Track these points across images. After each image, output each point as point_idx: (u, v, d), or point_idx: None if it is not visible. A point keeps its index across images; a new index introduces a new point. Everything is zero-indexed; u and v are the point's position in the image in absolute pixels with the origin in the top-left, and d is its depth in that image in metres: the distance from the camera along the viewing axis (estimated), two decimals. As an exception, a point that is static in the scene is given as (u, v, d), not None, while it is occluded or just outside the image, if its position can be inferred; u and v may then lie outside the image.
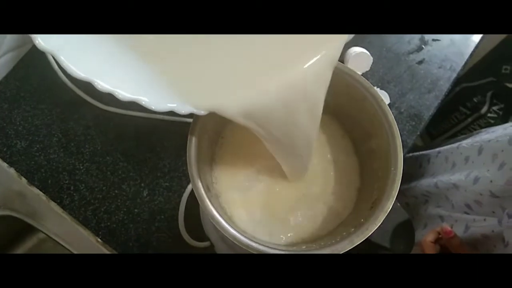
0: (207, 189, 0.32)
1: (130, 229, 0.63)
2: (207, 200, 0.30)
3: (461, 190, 0.58)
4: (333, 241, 0.30)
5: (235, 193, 0.36)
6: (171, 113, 0.69)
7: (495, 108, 1.20)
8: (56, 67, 0.66)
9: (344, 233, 0.31)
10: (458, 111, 1.26)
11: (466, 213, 0.58)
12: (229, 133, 0.41)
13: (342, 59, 0.72)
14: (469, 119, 1.25)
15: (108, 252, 0.62)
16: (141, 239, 0.63)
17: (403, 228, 0.35)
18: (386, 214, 0.29)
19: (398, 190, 0.30)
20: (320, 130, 0.40)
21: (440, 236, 0.53)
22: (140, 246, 0.62)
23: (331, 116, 0.42)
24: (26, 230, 0.68)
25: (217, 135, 0.40)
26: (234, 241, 0.29)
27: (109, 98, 0.67)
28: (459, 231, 0.56)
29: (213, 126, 0.38)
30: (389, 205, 0.30)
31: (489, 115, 1.20)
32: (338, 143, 0.41)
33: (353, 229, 0.31)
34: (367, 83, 0.36)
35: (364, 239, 0.29)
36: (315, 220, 0.36)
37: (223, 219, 0.29)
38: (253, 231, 0.35)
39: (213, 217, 0.29)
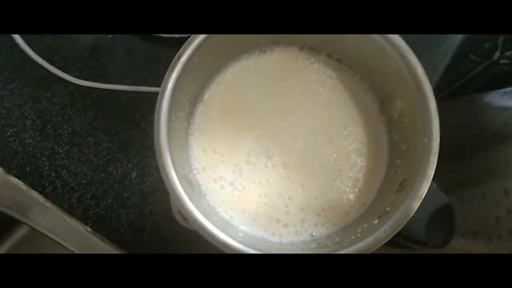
0: (187, 184, 0.25)
1: (121, 215, 0.58)
2: (188, 201, 0.23)
3: None
4: (353, 238, 0.24)
5: (222, 182, 0.29)
6: (155, 84, 0.61)
7: (508, 53, 1.12)
8: (21, 43, 0.58)
9: (366, 226, 0.24)
10: (468, 59, 1.18)
11: None
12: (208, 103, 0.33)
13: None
14: (480, 67, 1.17)
15: (98, 240, 0.58)
16: (134, 224, 0.58)
17: (441, 215, 0.28)
18: (421, 201, 0.22)
19: (434, 168, 0.23)
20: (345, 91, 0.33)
21: None
22: (133, 233, 0.58)
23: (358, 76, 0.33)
24: (10, 223, 0.64)
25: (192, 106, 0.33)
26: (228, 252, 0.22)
27: (84, 70, 0.60)
28: None
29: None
30: (424, 188, 0.23)
31: (501, 61, 1.13)
32: (365, 104, 0.32)
33: (376, 221, 0.24)
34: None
35: (393, 234, 0.22)
36: (330, 211, 0.29)
37: (211, 222, 0.23)
38: (247, 224, 0.28)
39: (199, 225, 0.22)
